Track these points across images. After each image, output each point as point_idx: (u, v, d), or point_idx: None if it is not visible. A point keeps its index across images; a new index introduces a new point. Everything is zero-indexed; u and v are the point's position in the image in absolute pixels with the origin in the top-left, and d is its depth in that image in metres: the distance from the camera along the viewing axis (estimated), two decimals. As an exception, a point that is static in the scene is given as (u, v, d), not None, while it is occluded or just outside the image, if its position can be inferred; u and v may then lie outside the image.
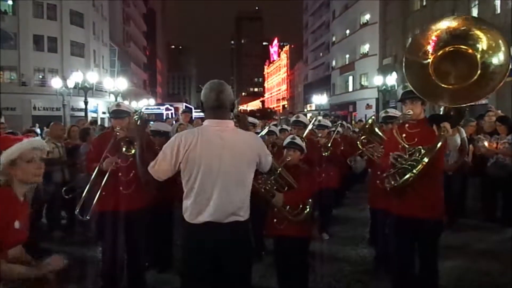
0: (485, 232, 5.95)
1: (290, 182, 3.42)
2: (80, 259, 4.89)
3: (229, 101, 2.40)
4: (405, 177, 2.95)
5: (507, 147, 6.17)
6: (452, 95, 2.75)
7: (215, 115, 2.37)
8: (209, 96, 2.37)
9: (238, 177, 2.34)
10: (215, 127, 2.34)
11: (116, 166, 3.49)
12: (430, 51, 2.78)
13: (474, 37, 2.66)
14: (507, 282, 4.18)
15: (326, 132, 5.67)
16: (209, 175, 2.28)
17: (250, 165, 2.38)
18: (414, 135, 3.16)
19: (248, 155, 2.35)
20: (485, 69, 2.62)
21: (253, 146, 2.40)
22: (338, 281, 4.24)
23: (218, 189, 2.29)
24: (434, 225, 3.13)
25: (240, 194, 2.36)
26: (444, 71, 2.76)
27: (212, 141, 2.29)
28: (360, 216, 6.75)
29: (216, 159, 2.28)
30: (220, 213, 2.30)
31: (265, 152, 2.49)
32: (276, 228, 3.50)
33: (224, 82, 2.45)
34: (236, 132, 2.41)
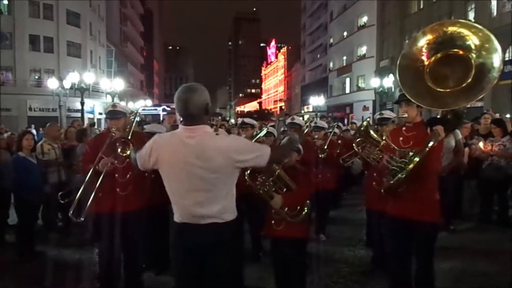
0: (482, 233, 5.98)
1: (288, 183, 3.43)
2: (76, 261, 4.88)
3: (198, 107, 2.31)
4: (396, 177, 2.97)
5: (502, 149, 6.20)
6: (447, 98, 2.77)
7: (185, 122, 2.34)
8: (176, 105, 2.34)
9: (207, 182, 2.28)
10: (185, 134, 2.31)
11: (112, 167, 3.48)
12: (423, 55, 2.82)
13: (467, 40, 2.69)
14: (504, 282, 4.19)
15: (323, 133, 5.68)
16: (177, 179, 2.33)
17: (222, 170, 2.29)
18: (410, 138, 3.18)
19: (218, 160, 2.25)
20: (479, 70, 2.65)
21: (224, 150, 2.27)
22: (335, 282, 4.24)
23: (186, 193, 2.31)
24: (429, 227, 3.13)
25: (212, 198, 2.31)
26: (438, 74, 2.80)
27: (179, 147, 2.28)
28: (357, 217, 6.75)
29: (182, 165, 2.27)
30: (190, 216, 2.33)
31: (246, 151, 2.34)
32: (274, 229, 3.50)
33: (193, 87, 2.34)
34: (209, 137, 2.31)
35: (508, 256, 4.95)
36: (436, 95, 2.78)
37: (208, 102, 2.37)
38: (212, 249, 2.33)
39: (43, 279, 4.31)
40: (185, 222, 2.34)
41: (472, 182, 6.95)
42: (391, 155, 3.09)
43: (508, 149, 6.19)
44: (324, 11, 48.02)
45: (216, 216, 2.32)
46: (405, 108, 3.24)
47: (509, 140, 6.25)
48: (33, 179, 5.12)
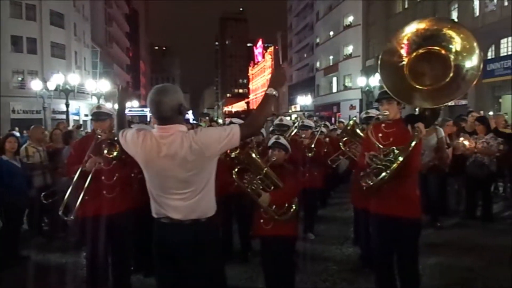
0: (467, 229, 6.08)
1: (276, 181, 3.44)
2: (62, 265, 4.82)
3: (171, 108, 2.28)
4: (380, 176, 2.98)
5: (485, 147, 6.31)
6: (427, 96, 2.81)
7: (159, 122, 2.34)
8: (149, 107, 2.34)
9: (183, 180, 2.28)
10: (159, 133, 2.31)
11: (99, 166, 3.44)
12: (404, 52, 2.84)
13: (447, 38, 2.72)
14: (489, 277, 4.28)
15: (310, 132, 5.70)
16: (153, 178, 2.36)
17: (196, 166, 2.27)
18: (390, 134, 3.20)
19: (191, 158, 2.23)
20: (458, 70, 2.68)
21: (196, 147, 2.23)
22: (324, 280, 4.27)
23: (162, 191, 2.33)
24: (412, 224, 3.17)
25: (189, 196, 2.30)
26: (418, 72, 2.83)
27: (153, 146, 2.29)
28: (344, 216, 6.81)
29: (157, 164, 2.29)
30: (168, 213, 2.33)
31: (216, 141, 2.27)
32: (263, 228, 3.51)
33: (164, 89, 2.33)
34: (182, 135, 2.26)
35: (492, 251, 5.05)
36: (417, 93, 2.81)
37: (182, 103, 2.35)
38: (191, 246, 2.31)
39: (29, 284, 4.24)
40: (163, 220, 2.35)
41: (457, 178, 7.07)
42: (374, 153, 3.10)
43: (491, 147, 6.30)
44: (310, 11, 48.22)
45: (194, 213, 2.32)
46: (386, 106, 3.27)
47: (492, 137, 6.36)
48: (17, 183, 5.04)
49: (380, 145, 3.15)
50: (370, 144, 3.28)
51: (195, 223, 2.32)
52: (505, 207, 7.27)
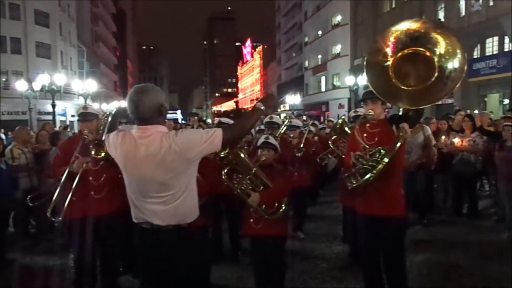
0: (453, 226, 6.16)
1: (265, 181, 3.45)
2: (50, 267, 4.76)
3: (151, 109, 2.22)
4: (366, 177, 3.00)
5: (472, 145, 6.41)
6: (411, 97, 2.84)
7: (139, 123, 2.26)
8: (128, 107, 2.25)
9: (162, 183, 2.20)
10: (137, 134, 2.24)
11: (87, 167, 3.41)
12: (390, 53, 2.87)
13: (432, 40, 2.75)
14: (474, 273, 4.34)
15: (298, 132, 5.71)
16: (132, 180, 2.29)
17: (176, 169, 2.20)
18: (375, 134, 3.22)
19: (171, 160, 2.16)
20: (442, 72, 2.72)
21: (176, 149, 2.15)
22: (314, 278, 4.29)
23: (141, 194, 2.26)
24: (397, 222, 3.20)
25: (169, 199, 2.22)
26: (403, 72, 2.86)
27: (132, 148, 2.22)
28: (334, 214, 6.85)
29: (135, 166, 2.23)
30: (147, 217, 2.26)
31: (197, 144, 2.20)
32: (253, 228, 3.51)
33: (144, 88, 2.27)
34: (161, 137, 2.18)
35: (478, 248, 5.14)
36: (402, 93, 2.84)
37: (162, 103, 2.27)
38: (171, 253, 2.25)
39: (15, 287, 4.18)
40: (143, 226, 2.28)
41: (445, 176, 7.16)
42: (359, 153, 3.11)
43: (478, 145, 6.40)
44: (298, 11, 48.35)
45: (174, 218, 2.25)
46: (371, 105, 3.28)
47: (478, 135, 6.46)
48: (3, 185, 4.96)
49: (366, 145, 3.17)
50: (355, 143, 3.30)
51: (176, 229, 2.25)
52: (490, 204, 7.38)
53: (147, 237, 2.28)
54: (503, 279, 4.14)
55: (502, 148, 5.69)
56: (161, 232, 2.24)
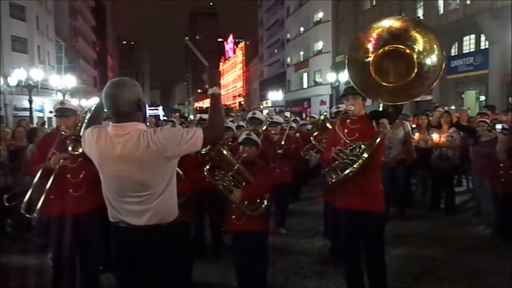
0: (431, 221, 6.30)
1: (248, 177, 3.45)
2: (27, 267, 4.66)
3: (129, 103, 2.11)
4: (346, 171, 3.05)
5: (450, 140, 6.55)
6: (391, 93, 2.90)
7: (115, 120, 2.15)
8: (104, 101, 2.16)
9: (139, 183, 2.12)
10: (114, 131, 2.14)
11: (64, 163, 3.33)
12: (371, 49, 2.92)
13: (412, 38, 2.82)
14: (451, 265, 4.45)
15: (279, 128, 5.73)
16: (108, 179, 2.20)
17: (154, 168, 2.12)
18: (355, 130, 3.26)
19: (149, 159, 2.08)
20: (421, 69, 2.79)
21: (154, 148, 2.07)
22: (295, 273, 4.32)
23: (117, 193, 2.18)
24: (376, 217, 3.26)
25: (146, 199, 2.14)
26: (383, 69, 2.91)
27: (108, 145, 2.13)
28: (315, 210, 6.90)
29: (111, 164, 2.14)
30: (123, 217, 2.19)
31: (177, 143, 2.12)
32: (235, 224, 3.52)
33: (122, 82, 2.17)
34: (139, 134, 2.09)
35: (455, 241, 5.27)
36: (382, 89, 2.89)
37: (140, 98, 2.18)
38: (149, 253, 2.18)
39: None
40: (120, 225, 2.20)
41: (423, 171, 7.30)
42: (340, 148, 3.15)
43: (455, 140, 6.54)
44: (280, 7, 48.37)
45: (153, 218, 2.17)
46: (352, 101, 3.32)
47: (455, 131, 6.60)
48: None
49: (347, 140, 3.21)
50: (336, 139, 3.34)
51: (154, 229, 2.17)
52: (467, 198, 7.57)
53: (124, 236, 2.20)
54: (479, 271, 4.26)
55: (476, 143, 5.83)
56: (138, 232, 2.16)
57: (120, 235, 2.22)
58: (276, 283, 4.03)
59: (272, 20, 53.14)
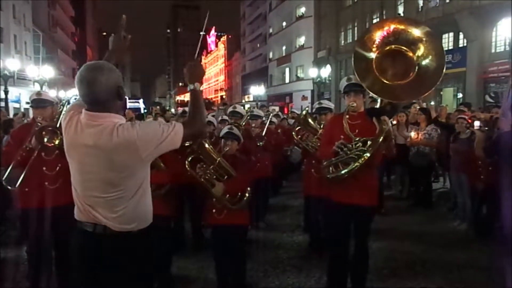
0: (408, 216, 6.42)
1: (229, 171, 3.44)
2: (2, 260, 4.55)
3: (107, 90, 1.88)
4: (351, 166, 3.05)
5: (427, 138, 6.66)
6: (396, 91, 2.97)
7: (90, 108, 1.90)
8: (79, 88, 1.89)
9: (107, 181, 1.88)
10: (85, 120, 1.89)
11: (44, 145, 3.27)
12: (376, 47, 2.97)
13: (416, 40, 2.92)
14: (428, 259, 4.55)
15: (259, 122, 5.74)
16: (74, 172, 1.97)
17: (126, 167, 1.88)
18: (355, 126, 3.28)
19: (121, 156, 1.84)
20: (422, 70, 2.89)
21: (128, 145, 1.83)
22: (274, 267, 4.34)
23: (83, 190, 1.94)
24: (369, 211, 3.34)
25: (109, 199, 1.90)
26: (384, 67, 2.97)
27: (75, 136, 1.91)
28: (295, 204, 6.95)
29: (78, 157, 1.92)
30: (82, 215, 1.97)
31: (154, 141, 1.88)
32: (215, 218, 3.51)
33: (99, 65, 1.92)
34: (112, 128, 1.84)
35: (431, 236, 5.39)
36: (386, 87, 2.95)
37: (120, 85, 1.94)
38: (115, 262, 1.94)
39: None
40: (85, 228, 1.95)
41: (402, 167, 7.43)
42: (344, 142, 3.14)
43: (433, 138, 6.66)
44: (263, 1, 48.21)
45: (122, 223, 1.92)
46: (354, 97, 3.34)
47: (433, 129, 6.71)
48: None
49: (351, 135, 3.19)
50: (333, 133, 3.34)
51: (123, 235, 1.93)
52: (443, 194, 7.75)
53: (87, 240, 1.95)
54: (455, 266, 4.37)
55: (455, 140, 5.95)
56: (104, 237, 1.92)
57: (83, 238, 1.97)
58: (255, 277, 4.05)
59: (254, 14, 52.95)
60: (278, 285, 3.95)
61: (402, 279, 4.06)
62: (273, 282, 3.99)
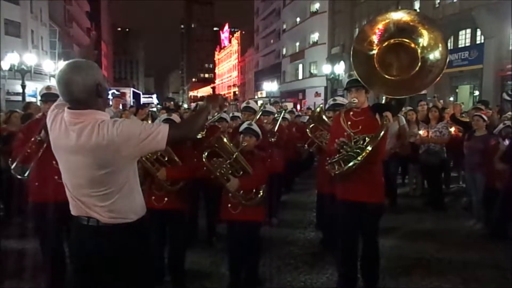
0: (421, 214, 6.35)
1: (246, 167, 3.45)
2: (19, 252, 4.65)
3: (85, 89, 1.87)
4: (350, 164, 3.06)
5: (438, 135, 6.58)
6: (395, 86, 2.92)
7: (71, 106, 1.93)
8: (58, 88, 1.92)
9: (92, 179, 1.91)
10: (68, 118, 1.91)
11: None
12: (376, 42, 2.92)
13: (418, 32, 2.83)
14: (442, 258, 4.51)
15: (271, 118, 5.73)
16: (62, 169, 2.02)
17: (110, 164, 1.89)
18: (359, 122, 3.27)
19: (104, 154, 1.85)
20: (424, 63, 2.81)
21: (110, 143, 1.84)
22: (286, 264, 4.35)
23: (71, 186, 1.99)
24: (376, 208, 3.32)
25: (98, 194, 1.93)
26: (387, 62, 2.92)
27: (62, 134, 1.93)
28: (308, 201, 6.94)
29: (64, 155, 1.96)
30: (75, 210, 2.02)
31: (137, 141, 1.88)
32: (230, 213, 3.53)
33: (77, 65, 1.91)
34: (95, 125, 1.85)
35: (445, 235, 5.34)
36: (386, 82, 2.91)
37: (99, 82, 1.93)
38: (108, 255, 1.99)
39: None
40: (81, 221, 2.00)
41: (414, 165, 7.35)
42: (344, 139, 3.14)
43: (444, 135, 6.57)
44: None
45: (113, 216, 1.96)
46: (355, 94, 3.33)
47: (444, 126, 6.62)
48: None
49: (351, 132, 3.21)
50: (339, 131, 3.34)
51: (114, 228, 1.97)
52: (458, 193, 7.64)
53: (82, 233, 2.01)
54: (469, 265, 4.32)
55: (470, 138, 5.86)
56: (98, 229, 1.96)
57: (79, 232, 2.03)
58: (267, 273, 4.06)
59: (268, 10, 52.67)
60: (290, 281, 3.95)
61: (416, 278, 4.03)
62: (285, 278, 4.00)
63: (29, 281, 3.87)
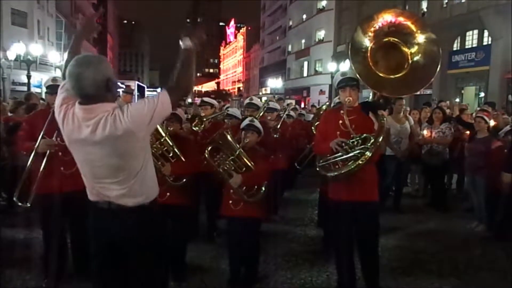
0: (423, 215, 6.34)
1: (248, 163, 3.45)
2: (22, 241, 4.68)
3: (96, 84, 1.92)
4: (352, 166, 2.97)
5: (441, 136, 6.55)
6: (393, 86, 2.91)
7: (81, 101, 1.98)
8: (68, 81, 1.96)
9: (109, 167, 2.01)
10: (82, 115, 1.96)
11: (54, 148, 3.31)
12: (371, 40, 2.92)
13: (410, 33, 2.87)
14: (443, 259, 4.50)
15: (275, 115, 5.72)
16: (77, 161, 2.11)
17: (126, 152, 1.99)
18: (351, 121, 3.17)
19: (119, 144, 1.94)
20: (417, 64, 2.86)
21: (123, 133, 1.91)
22: (287, 260, 4.36)
23: (87, 176, 2.11)
24: (373, 207, 3.30)
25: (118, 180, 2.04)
26: (379, 61, 2.94)
27: (73, 130, 1.99)
28: (309, 199, 6.94)
29: (80, 149, 2.03)
30: (93, 196, 2.13)
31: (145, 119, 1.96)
32: (232, 209, 3.54)
33: (87, 60, 1.96)
34: (107, 118, 1.91)
35: (446, 236, 5.33)
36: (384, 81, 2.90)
37: (109, 77, 1.97)
38: (134, 235, 2.10)
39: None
40: (100, 205, 2.11)
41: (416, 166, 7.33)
42: (343, 140, 3.08)
43: (447, 136, 6.54)
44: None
45: (134, 197, 2.08)
46: (350, 92, 3.27)
47: (447, 127, 6.59)
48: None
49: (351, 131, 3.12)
50: (329, 129, 3.29)
51: (138, 208, 2.09)
52: (460, 194, 7.62)
53: (104, 218, 2.11)
54: (469, 267, 4.31)
55: (471, 140, 5.82)
56: (120, 212, 2.07)
57: (100, 217, 2.13)
58: (268, 270, 4.06)
59: (274, 6, 52.46)
60: (290, 278, 3.96)
61: (416, 279, 4.02)
62: (285, 275, 4.00)
63: (31, 270, 3.88)
